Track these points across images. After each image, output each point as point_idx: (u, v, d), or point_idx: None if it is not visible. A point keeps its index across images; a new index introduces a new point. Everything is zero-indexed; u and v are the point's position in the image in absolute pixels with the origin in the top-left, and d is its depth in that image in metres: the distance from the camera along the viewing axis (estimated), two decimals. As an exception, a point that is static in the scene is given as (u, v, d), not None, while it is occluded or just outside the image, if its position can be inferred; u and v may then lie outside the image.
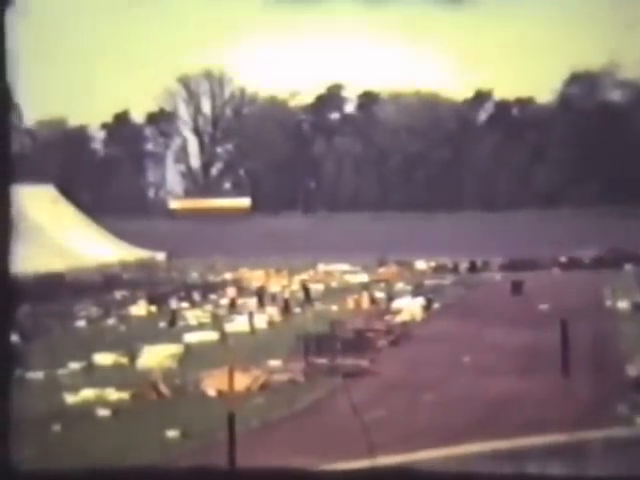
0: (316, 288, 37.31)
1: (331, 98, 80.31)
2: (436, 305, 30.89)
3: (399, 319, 27.83)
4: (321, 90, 79.81)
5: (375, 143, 75.18)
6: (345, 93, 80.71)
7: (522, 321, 25.94)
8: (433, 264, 46.52)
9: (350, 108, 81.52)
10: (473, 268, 45.09)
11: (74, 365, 20.85)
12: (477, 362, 20.23)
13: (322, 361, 20.15)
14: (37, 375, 19.91)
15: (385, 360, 21.30)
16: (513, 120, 74.52)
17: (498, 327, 24.71)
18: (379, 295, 33.70)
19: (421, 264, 46.88)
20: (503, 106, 76.27)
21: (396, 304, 30.53)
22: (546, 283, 36.97)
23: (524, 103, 75.71)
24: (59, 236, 40.04)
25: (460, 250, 45.54)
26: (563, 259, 45.81)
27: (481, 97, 77.07)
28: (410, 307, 29.46)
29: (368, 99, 78.90)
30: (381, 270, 44.77)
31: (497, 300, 32.44)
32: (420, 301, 30.54)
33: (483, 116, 77.98)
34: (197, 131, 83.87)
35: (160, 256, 44.98)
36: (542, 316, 26.33)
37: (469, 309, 30.01)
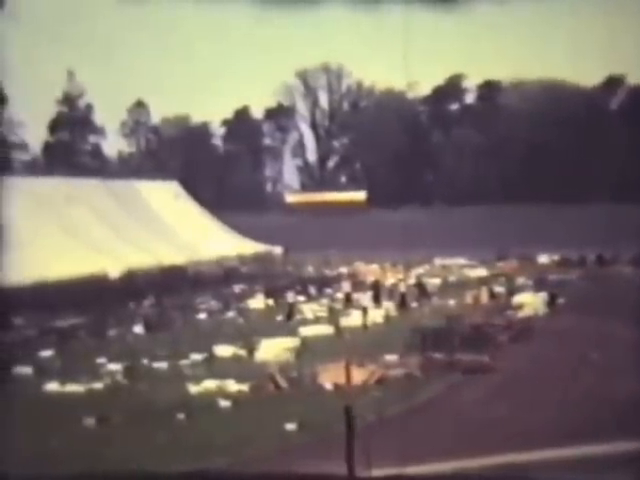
0: (433, 282, 36.85)
1: (450, 89, 78.99)
2: (561, 300, 29.80)
3: (521, 314, 27.07)
4: (439, 81, 78.72)
5: (496, 134, 73.27)
6: (465, 83, 79.25)
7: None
8: (557, 258, 44.97)
9: (470, 98, 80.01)
10: (601, 262, 43.19)
11: (196, 356, 21.40)
12: (605, 360, 19.34)
13: (439, 356, 19.81)
14: (162, 365, 20.60)
15: (506, 356, 20.69)
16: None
17: (629, 323, 23.51)
18: (499, 290, 32.91)
19: (544, 258, 45.42)
20: (638, 92, 72.24)
21: (517, 299, 29.71)
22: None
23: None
24: (182, 230, 41.31)
25: (586, 243, 43.71)
26: None
27: (613, 83, 73.38)
28: (532, 302, 28.57)
29: (489, 89, 77.04)
30: (501, 264, 43.72)
31: (628, 295, 30.87)
32: (543, 296, 29.56)
33: (615, 103, 74.31)
34: (314, 125, 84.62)
35: (277, 250, 45.63)
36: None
37: (597, 304, 28.77)
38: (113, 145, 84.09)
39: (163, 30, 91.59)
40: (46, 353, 22.61)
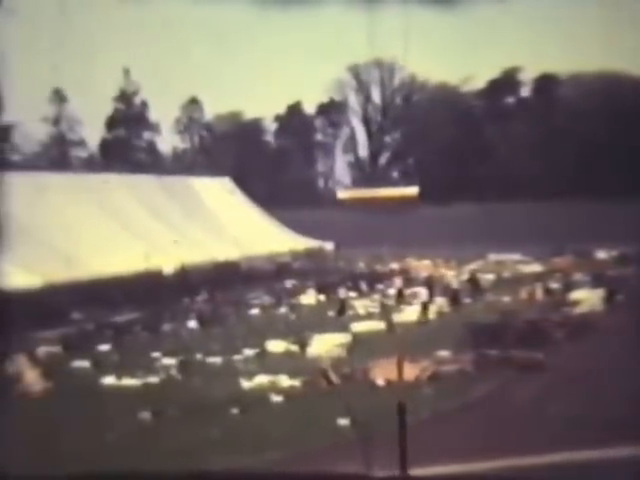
0: (487, 278, 36.46)
1: (506, 82, 77.88)
2: (619, 297, 29.16)
3: (577, 311, 26.59)
4: (495, 74, 77.69)
5: (552, 127, 71.94)
6: (521, 76, 78.05)
7: None
8: (615, 254, 44.03)
9: (526, 91, 78.77)
10: (661, 258, 42.05)
11: (248, 352, 21.56)
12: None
13: (493, 353, 19.59)
14: (215, 360, 20.81)
15: (562, 353, 20.36)
16: None
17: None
18: (554, 286, 32.39)
19: (602, 254, 44.53)
20: None
21: (573, 295, 29.19)
22: None
23: None
24: (234, 226, 41.67)
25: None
26: None
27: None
28: (589, 298, 28.02)
29: (546, 81, 75.70)
30: (556, 260, 43.00)
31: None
32: (600, 292, 28.97)
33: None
34: (366, 120, 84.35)
35: (329, 246, 45.66)
36: None
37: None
38: (167, 141, 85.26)
39: (215, 27, 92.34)
40: (103, 347, 23.05)
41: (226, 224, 41.51)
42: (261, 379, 18.21)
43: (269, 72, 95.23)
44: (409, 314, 26.80)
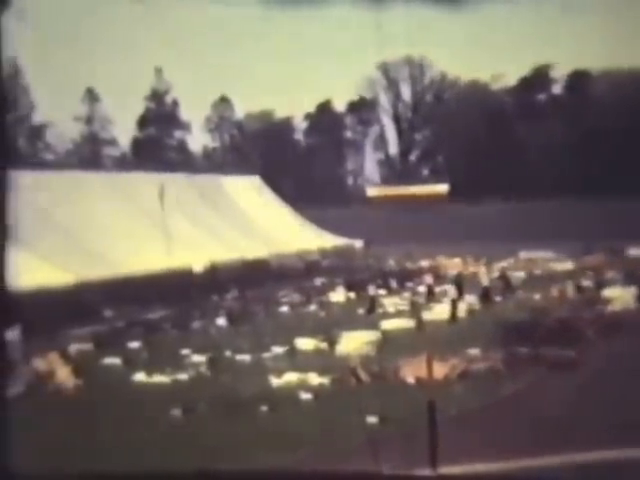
0: (517, 276, 36.16)
1: (537, 79, 77.17)
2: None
3: (610, 309, 26.27)
4: (526, 71, 77.02)
5: (584, 125, 71.13)
6: (552, 73, 77.27)
7: None
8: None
9: (557, 89, 77.99)
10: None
11: (278, 349, 21.59)
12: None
13: (524, 351, 19.42)
14: (245, 358, 20.87)
15: (594, 351, 20.11)
16: None
17: None
18: (586, 284, 32.03)
19: (634, 251, 43.95)
20: None
21: (606, 293, 28.86)
22: None
23: None
24: (264, 224, 41.80)
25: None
26: None
27: None
28: (622, 296, 27.67)
29: (577, 78, 74.85)
30: (588, 258, 42.53)
31: None
32: (633, 290, 28.60)
33: None
34: (396, 118, 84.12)
35: (358, 243, 45.60)
36: None
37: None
38: (198, 140, 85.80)
39: (246, 27, 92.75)
40: (134, 345, 23.23)
41: (256, 222, 41.66)
42: (290, 377, 18.20)
43: (300, 71, 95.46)
44: (439, 312, 26.67)
